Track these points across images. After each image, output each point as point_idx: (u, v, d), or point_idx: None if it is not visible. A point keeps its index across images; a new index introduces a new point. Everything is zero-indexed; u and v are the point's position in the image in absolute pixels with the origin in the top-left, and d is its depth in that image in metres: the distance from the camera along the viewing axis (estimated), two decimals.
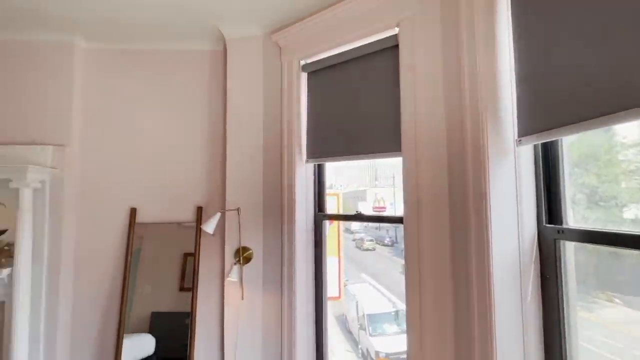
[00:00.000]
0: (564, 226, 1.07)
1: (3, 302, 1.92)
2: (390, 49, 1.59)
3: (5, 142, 2.03)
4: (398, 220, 1.59)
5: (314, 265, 1.98)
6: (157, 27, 2.05)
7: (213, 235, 2.09)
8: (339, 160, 1.82)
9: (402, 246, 1.52)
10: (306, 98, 1.98)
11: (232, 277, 1.90)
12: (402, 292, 1.56)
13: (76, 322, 2.09)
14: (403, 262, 1.52)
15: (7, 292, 1.89)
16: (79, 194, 2.16)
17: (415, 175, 1.43)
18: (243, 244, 1.97)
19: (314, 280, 1.98)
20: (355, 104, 1.74)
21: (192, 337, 2.03)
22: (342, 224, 2.38)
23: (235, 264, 1.94)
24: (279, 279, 1.95)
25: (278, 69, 2.03)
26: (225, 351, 1.95)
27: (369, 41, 1.67)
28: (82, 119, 2.19)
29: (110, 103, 2.22)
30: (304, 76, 1.97)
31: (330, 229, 2.37)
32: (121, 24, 2.00)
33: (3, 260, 1.90)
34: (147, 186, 2.20)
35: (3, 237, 1.95)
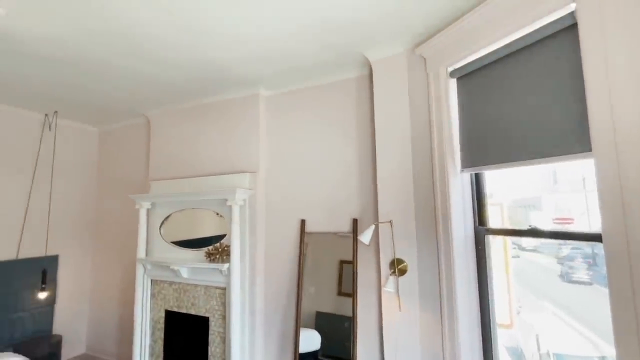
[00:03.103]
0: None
1: (224, 288, 2.66)
2: (562, 32, 1.32)
3: (223, 173, 2.85)
4: (593, 237, 1.25)
5: (477, 285, 1.79)
6: (314, 68, 2.43)
7: (368, 245, 2.23)
8: (502, 168, 1.61)
9: (602, 269, 1.18)
10: (457, 105, 1.87)
11: (389, 288, 1.95)
12: (605, 330, 1.20)
13: (268, 306, 2.62)
14: (606, 290, 1.18)
15: (227, 281, 2.60)
16: (265, 208, 2.75)
17: (617, 177, 1.10)
18: (397, 256, 2.00)
19: (479, 302, 1.79)
20: (517, 103, 1.51)
21: (354, 341, 2.18)
22: (510, 239, 2.06)
23: (391, 275, 2.00)
24: (437, 295, 1.86)
25: (424, 80, 2.01)
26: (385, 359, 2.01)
27: (531, 30, 1.43)
28: (266, 151, 2.80)
29: (283, 135, 2.75)
30: (452, 82, 1.88)
31: (496, 244, 2.08)
32: (291, 71, 2.48)
33: (225, 257, 2.64)
34: (312, 201, 2.56)
35: (223, 240, 2.72)
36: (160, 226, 3.04)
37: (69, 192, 3.63)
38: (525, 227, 1.77)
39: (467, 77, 1.80)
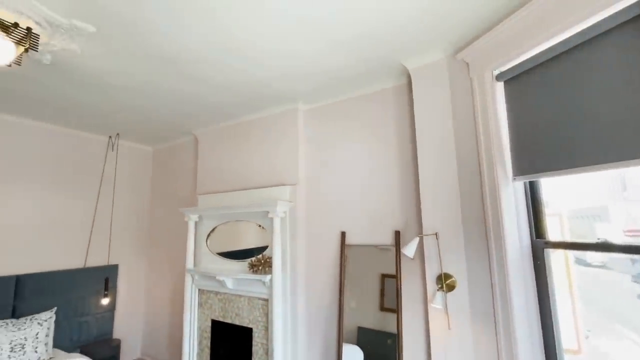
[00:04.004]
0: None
1: (267, 299, 2.70)
2: (630, 22, 1.20)
3: (264, 186, 2.94)
4: None
5: (537, 303, 1.64)
6: (351, 80, 2.45)
7: (412, 259, 2.15)
8: (562, 175, 1.47)
9: None
10: (505, 109, 1.77)
11: (436, 304, 1.85)
12: None
13: (309, 319, 2.61)
14: None
15: (269, 292, 2.64)
16: (305, 220, 2.78)
17: None
18: (444, 271, 1.90)
19: (540, 323, 1.63)
20: (579, 103, 1.39)
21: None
22: (572, 253, 1.87)
23: (438, 290, 1.90)
24: (491, 314, 1.73)
25: (467, 86, 1.93)
26: None
27: (593, 22, 1.32)
28: (305, 163, 2.85)
29: (321, 148, 2.78)
30: (499, 86, 1.78)
31: (557, 259, 1.90)
32: (328, 85, 2.53)
33: (267, 268, 2.69)
34: (352, 213, 2.53)
35: (265, 252, 2.78)
36: (207, 238, 3.20)
37: (127, 206, 3.98)
38: (591, 239, 1.60)
39: (516, 79, 1.70)
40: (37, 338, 2.64)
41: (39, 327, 2.69)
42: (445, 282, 1.88)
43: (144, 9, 1.62)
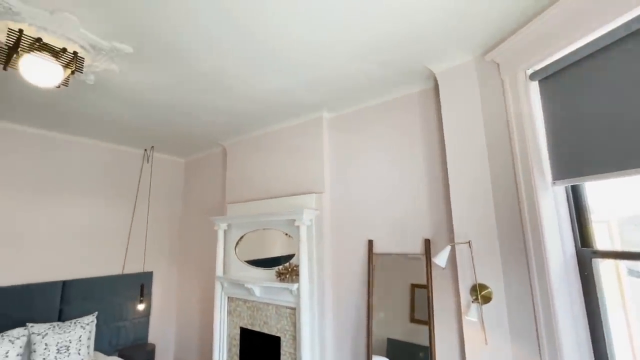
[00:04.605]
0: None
1: (294, 308, 2.69)
2: None
3: (291, 194, 2.97)
4: None
5: (586, 319, 1.50)
6: (376, 87, 2.43)
7: (444, 268, 2.06)
8: (611, 178, 1.35)
9: None
10: (541, 110, 1.68)
11: (471, 317, 1.75)
12: None
13: (337, 328, 2.57)
14: None
15: (297, 301, 2.63)
16: (331, 228, 2.76)
17: None
18: (479, 281, 1.81)
19: (590, 340, 1.49)
20: (629, 99, 1.28)
21: None
22: (624, 263, 1.71)
23: (472, 302, 1.80)
24: (533, 329, 1.61)
25: (498, 87, 1.86)
26: None
27: (635, 15, 1.23)
28: (331, 171, 2.85)
29: (346, 155, 2.77)
30: (534, 86, 1.69)
31: (607, 269, 1.74)
32: (352, 93, 2.52)
33: (294, 277, 2.69)
34: (379, 221, 2.48)
35: (292, 260, 2.79)
36: (236, 246, 3.26)
37: (161, 215, 4.16)
38: None
39: (552, 77, 1.61)
40: (80, 341, 2.79)
41: (82, 330, 2.85)
42: (480, 294, 1.78)
43: (176, 30, 1.71)
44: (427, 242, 2.19)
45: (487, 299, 1.76)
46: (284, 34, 1.76)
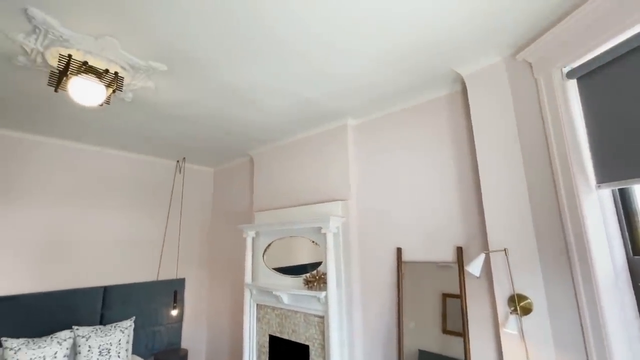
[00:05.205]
0: None
1: (322, 317, 2.67)
2: None
3: (317, 202, 2.98)
4: None
5: None
6: (401, 92, 2.41)
7: (478, 277, 1.97)
8: None
9: None
10: (580, 109, 1.58)
11: (510, 329, 1.66)
12: None
13: (366, 338, 2.52)
14: None
15: (325, 309, 2.62)
16: (358, 236, 2.73)
17: None
18: (517, 291, 1.71)
19: None
20: None
21: None
22: None
23: (511, 313, 1.70)
24: (581, 343, 1.49)
25: (532, 87, 1.77)
26: None
27: None
28: (356, 178, 2.83)
29: (372, 161, 2.75)
30: (571, 84, 1.61)
31: None
32: (377, 99, 2.51)
33: (322, 285, 2.69)
34: (408, 228, 2.43)
35: (319, 268, 2.78)
36: (263, 253, 3.31)
37: (192, 224, 4.32)
38: None
39: (591, 75, 1.52)
40: (119, 344, 2.94)
41: (121, 334, 3.00)
42: (519, 305, 1.68)
43: (206, 49, 1.80)
44: (460, 250, 2.11)
45: (527, 310, 1.66)
46: (319, 42, 1.77)
